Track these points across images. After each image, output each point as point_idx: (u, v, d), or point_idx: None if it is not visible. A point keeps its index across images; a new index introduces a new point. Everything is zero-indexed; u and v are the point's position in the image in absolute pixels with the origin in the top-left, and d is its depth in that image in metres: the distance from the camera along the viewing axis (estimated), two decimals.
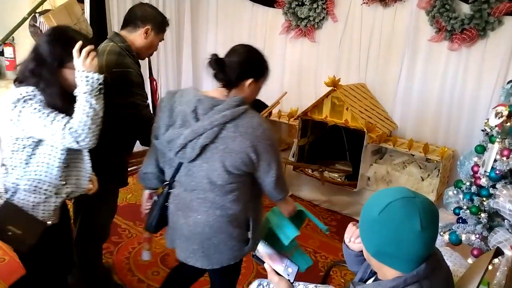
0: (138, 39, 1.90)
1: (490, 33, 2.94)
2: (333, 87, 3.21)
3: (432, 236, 1.07)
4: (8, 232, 1.46)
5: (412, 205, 1.05)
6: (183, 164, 1.56)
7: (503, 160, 2.27)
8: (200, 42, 4.78)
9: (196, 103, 1.51)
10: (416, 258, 1.07)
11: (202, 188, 1.55)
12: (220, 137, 1.47)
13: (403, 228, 1.04)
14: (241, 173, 1.54)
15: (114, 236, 2.83)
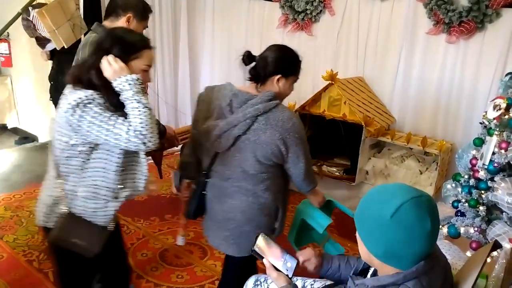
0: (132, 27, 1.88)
1: (488, 25, 2.92)
2: (331, 81, 3.19)
3: (437, 233, 1.09)
4: (73, 245, 1.46)
5: (422, 205, 1.05)
6: (218, 154, 1.67)
7: (501, 153, 2.27)
8: (197, 37, 4.75)
9: (231, 97, 1.62)
10: (421, 256, 1.07)
11: (236, 177, 1.67)
12: (252, 129, 1.57)
13: (416, 229, 1.03)
14: (271, 163, 1.64)
15: None
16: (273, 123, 1.58)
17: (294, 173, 1.71)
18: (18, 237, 2.69)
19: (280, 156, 1.63)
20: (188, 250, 2.69)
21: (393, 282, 1.08)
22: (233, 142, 1.60)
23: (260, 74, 1.68)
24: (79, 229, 1.47)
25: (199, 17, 4.67)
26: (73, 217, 1.48)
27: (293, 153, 1.64)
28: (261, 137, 1.58)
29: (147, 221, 3.01)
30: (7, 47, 4.64)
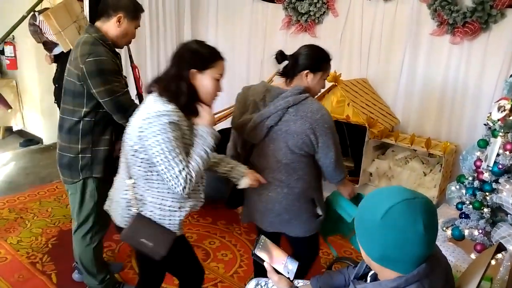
0: (111, 28, 1.91)
1: (493, 26, 2.90)
2: (334, 83, 3.18)
3: (433, 236, 1.06)
4: (140, 244, 1.50)
5: (414, 207, 1.03)
6: (254, 146, 1.82)
7: (506, 155, 2.25)
8: (200, 38, 4.75)
9: (265, 93, 1.78)
10: (419, 259, 1.05)
11: (271, 167, 1.79)
12: (283, 120, 1.70)
13: (407, 231, 1.02)
14: (303, 153, 1.75)
15: (116, 235, 2.82)
16: (302, 114, 1.69)
17: (325, 163, 1.81)
18: (21, 239, 2.70)
19: (310, 145, 1.73)
20: None
21: (395, 286, 1.06)
22: (267, 133, 1.73)
23: (290, 70, 1.82)
24: (147, 230, 1.52)
25: (202, 19, 4.68)
26: (143, 218, 1.54)
27: (323, 143, 1.73)
28: (291, 127, 1.70)
29: None
30: (13, 50, 4.67)
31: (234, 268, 2.54)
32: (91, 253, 2.10)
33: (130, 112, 1.81)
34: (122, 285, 2.26)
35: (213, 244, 2.80)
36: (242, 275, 2.47)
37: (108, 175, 2.02)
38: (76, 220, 2.08)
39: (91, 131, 1.92)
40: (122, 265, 2.47)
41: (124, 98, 1.86)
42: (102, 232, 2.13)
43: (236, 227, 3.05)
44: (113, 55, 1.91)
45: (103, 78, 1.81)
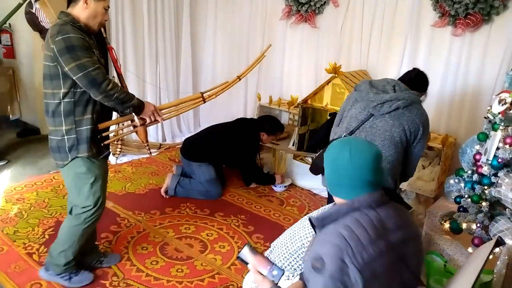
0: (80, 12, 1.94)
1: (495, 17, 2.86)
2: (334, 74, 3.15)
3: (362, 162, 1.21)
4: None
5: (345, 141, 1.29)
6: (370, 118, 2.05)
7: (506, 148, 2.23)
8: (200, 27, 4.71)
9: (396, 83, 2.13)
10: (355, 187, 1.23)
11: (378, 140, 2.01)
12: (408, 108, 2.02)
13: (337, 158, 1.25)
14: (410, 139, 2.06)
15: (113, 226, 2.82)
16: (419, 112, 2.07)
17: (414, 154, 2.14)
18: (18, 230, 2.69)
19: (416, 136, 2.07)
20: (188, 244, 2.68)
21: (335, 210, 1.22)
22: (392, 110, 2.01)
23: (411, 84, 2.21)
24: None
25: (201, 8, 4.63)
26: None
27: (423, 139, 2.11)
28: (412, 116, 2.03)
29: (147, 215, 3.01)
30: (9, 39, 4.61)
31: (232, 260, 2.53)
32: (78, 233, 2.10)
33: (104, 87, 1.87)
34: (79, 271, 2.24)
35: (210, 236, 2.79)
36: (239, 267, 2.47)
37: (97, 154, 2.06)
38: (74, 201, 2.09)
39: (72, 112, 1.95)
40: (119, 257, 2.46)
41: (96, 73, 1.86)
42: (98, 215, 2.13)
43: (233, 219, 3.04)
44: (84, 34, 1.92)
45: (73, 54, 1.83)
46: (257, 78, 4.41)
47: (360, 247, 1.11)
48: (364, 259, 1.10)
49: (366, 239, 1.12)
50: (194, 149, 3.38)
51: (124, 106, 2.02)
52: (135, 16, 4.11)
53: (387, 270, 1.14)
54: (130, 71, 4.14)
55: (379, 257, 1.12)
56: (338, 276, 1.09)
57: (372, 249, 1.12)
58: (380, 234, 1.15)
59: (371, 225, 1.16)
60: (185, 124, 4.92)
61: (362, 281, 1.08)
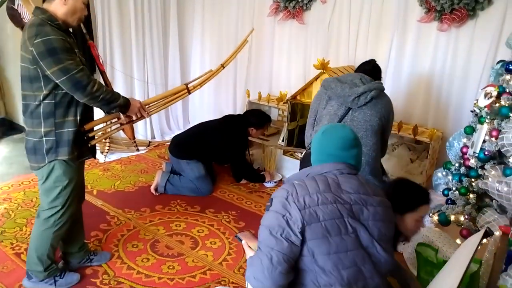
0: (58, 7, 1.85)
1: (480, 12, 2.90)
2: (323, 70, 3.16)
3: (329, 140, 1.41)
4: None
5: (326, 125, 1.49)
6: (349, 112, 2.22)
7: (492, 141, 2.28)
8: (187, 25, 4.68)
9: (361, 76, 2.29)
10: (321, 157, 1.42)
11: (361, 131, 2.19)
12: (379, 97, 2.23)
13: (315, 138, 1.46)
14: (385, 125, 2.28)
15: (103, 224, 2.80)
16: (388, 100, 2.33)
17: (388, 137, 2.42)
18: (5, 230, 2.65)
19: (390, 123, 2.35)
20: (179, 241, 2.67)
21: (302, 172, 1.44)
22: (369, 101, 2.19)
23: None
24: None
25: (189, 4, 4.60)
26: None
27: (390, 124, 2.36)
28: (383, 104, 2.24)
29: (137, 212, 2.98)
30: None
31: (223, 256, 2.53)
32: (49, 237, 2.05)
33: (89, 89, 1.81)
34: (64, 273, 2.22)
35: (201, 232, 2.79)
36: (231, 263, 2.47)
37: (77, 157, 2.00)
38: (42, 203, 2.03)
39: (53, 114, 1.88)
40: (110, 255, 2.44)
41: (80, 76, 1.79)
42: (68, 217, 2.06)
43: (224, 215, 3.04)
44: (64, 34, 1.84)
45: (55, 58, 1.75)
46: (245, 74, 4.40)
47: (304, 192, 1.29)
48: (306, 202, 1.26)
49: (313, 188, 1.30)
50: (182, 147, 3.36)
51: (110, 107, 1.97)
52: (122, 13, 4.06)
53: (332, 218, 1.25)
54: (117, 69, 4.09)
55: (322, 204, 1.26)
56: (281, 211, 1.26)
57: (316, 196, 1.27)
58: (329, 189, 1.30)
59: (323, 181, 1.32)
60: (174, 121, 4.89)
61: (301, 218, 1.23)
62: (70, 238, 2.26)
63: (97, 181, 3.47)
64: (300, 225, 1.22)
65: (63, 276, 2.19)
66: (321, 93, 2.41)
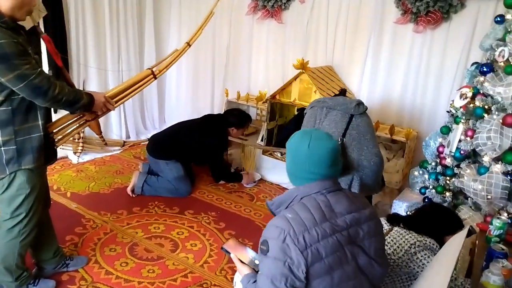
0: (2, 2, 1.65)
1: (453, 15, 2.99)
2: (302, 70, 3.17)
3: (319, 157, 1.26)
4: None
5: (307, 133, 1.31)
6: (353, 119, 2.34)
7: (467, 140, 2.34)
8: (163, 24, 4.58)
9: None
10: (309, 178, 1.27)
11: (368, 135, 2.32)
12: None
13: (297, 149, 1.29)
14: None
15: (78, 227, 2.70)
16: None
17: None
18: None
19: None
20: (159, 244, 2.61)
21: (287, 197, 1.28)
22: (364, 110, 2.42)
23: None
24: None
25: (165, 4, 4.50)
26: None
27: None
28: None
29: (114, 215, 2.90)
30: None
31: (204, 258, 2.50)
32: (16, 247, 1.93)
33: (51, 93, 1.69)
34: (38, 280, 2.13)
35: (181, 234, 2.74)
36: (212, 265, 2.44)
37: (43, 163, 1.90)
38: (3, 213, 1.91)
39: (11, 121, 1.74)
40: (86, 259, 2.36)
41: (39, 80, 1.67)
42: (33, 225, 1.95)
43: (204, 216, 3.00)
44: (13, 33, 1.67)
45: (8, 64, 1.60)
46: (224, 73, 4.36)
47: (302, 228, 1.16)
48: (306, 240, 1.15)
49: (310, 222, 1.17)
50: (160, 147, 3.29)
51: (74, 108, 1.86)
52: (96, 11, 3.92)
53: (333, 252, 1.18)
54: (90, 65, 3.96)
55: (322, 239, 1.16)
56: (281, 257, 1.14)
57: (315, 231, 1.16)
58: (325, 217, 1.20)
59: (317, 209, 1.21)
60: (149, 120, 4.78)
61: (304, 261, 1.13)
62: (41, 245, 2.16)
63: (71, 183, 3.35)
64: (304, 268, 1.13)
65: (37, 283, 2.10)
66: (315, 111, 2.51)
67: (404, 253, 1.63)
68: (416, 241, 1.64)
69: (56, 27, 3.57)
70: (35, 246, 2.12)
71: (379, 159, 2.36)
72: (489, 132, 2.18)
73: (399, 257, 1.63)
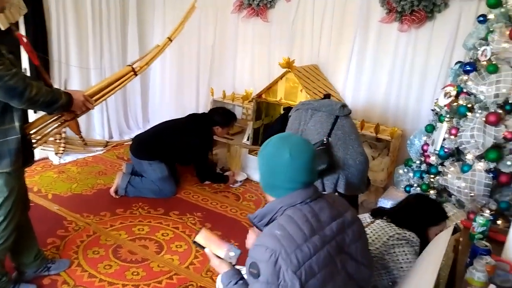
0: None
1: (437, 15, 3.02)
2: (288, 69, 3.16)
3: (302, 164, 1.19)
4: None
5: (284, 140, 1.23)
6: (338, 120, 2.39)
7: (451, 139, 2.37)
8: (147, 23, 4.50)
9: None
10: (290, 188, 1.20)
11: (353, 135, 2.40)
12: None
13: (276, 158, 1.20)
14: None
15: (60, 230, 2.63)
16: None
17: None
18: None
19: None
20: (143, 245, 2.57)
21: (269, 209, 1.21)
22: (349, 113, 2.48)
23: None
24: None
25: (149, 4, 4.43)
26: None
27: None
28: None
29: (97, 217, 2.84)
30: None
31: (190, 259, 2.46)
32: None
33: (27, 94, 1.64)
34: (18, 285, 2.07)
35: (166, 235, 2.70)
36: (198, 266, 2.41)
37: (22, 165, 1.84)
38: None
39: None
40: (69, 262, 2.30)
41: (14, 81, 1.61)
42: (12, 229, 1.89)
43: (189, 217, 2.96)
44: None
45: None
46: (209, 72, 4.32)
47: (294, 247, 1.10)
48: (299, 259, 1.10)
49: (300, 237, 1.12)
50: (144, 147, 3.23)
51: (52, 108, 1.80)
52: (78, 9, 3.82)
53: (325, 265, 1.14)
54: (71, 64, 3.87)
55: (314, 254, 1.12)
56: (274, 280, 1.09)
57: (307, 247, 1.12)
58: (314, 229, 1.15)
59: (305, 221, 1.15)
60: (133, 120, 4.71)
61: (299, 281, 1.08)
62: (21, 249, 2.09)
63: (52, 185, 3.27)
64: (298, 287, 1.08)
65: (18, 287, 2.04)
66: (300, 113, 2.54)
67: (382, 245, 1.62)
68: (395, 234, 1.63)
69: (37, 25, 3.47)
70: (14, 250, 2.05)
71: (364, 158, 2.39)
72: (473, 130, 2.21)
73: (376, 248, 1.62)
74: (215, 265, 1.34)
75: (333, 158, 2.30)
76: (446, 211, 1.80)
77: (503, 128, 2.17)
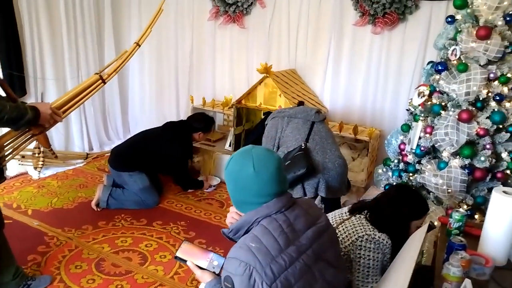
0: None
1: (409, 16, 3.09)
2: (266, 74, 3.19)
3: (268, 176, 1.18)
4: None
5: (246, 154, 1.21)
6: (314, 126, 2.47)
7: (427, 137, 2.42)
8: (123, 30, 4.48)
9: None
10: (260, 202, 1.19)
11: (330, 139, 2.49)
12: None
13: (239, 174, 1.19)
14: None
15: (41, 246, 2.58)
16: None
17: None
18: None
19: None
20: (127, 257, 2.54)
21: (245, 221, 1.19)
22: (323, 118, 2.55)
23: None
24: None
25: (124, 10, 4.41)
26: None
27: None
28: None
29: (79, 231, 2.80)
30: None
31: (174, 269, 2.45)
32: None
33: (3, 114, 1.62)
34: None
35: (149, 246, 2.68)
36: (183, 276, 2.39)
37: None
38: None
39: None
40: (50, 278, 2.26)
41: None
42: None
43: (173, 226, 2.94)
44: None
45: None
46: (188, 80, 4.32)
47: (268, 259, 1.09)
48: (274, 272, 1.08)
49: (275, 249, 1.11)
50: (122, 158, 3.19)
51: (18, 125, 1.78)
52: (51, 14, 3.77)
53: (302, 275, 1.13)
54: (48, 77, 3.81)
55: (290, 265, 1.11)
56: None
57: (282, 258, 1.11)
58: (290, 239, 1.15)
59: (280, 232, 1.14)
60: (113, 131, 4.65)
61: None
62: None
63: (32, 200, 3.21)
64: None
65: None
66: (276, 121, 2.61)
67: (350, 243, 1.62)
68: (364, 234, 1.61)
69: (9, 39, 3.41)
70: None
71: (342, 161, 2.46)
72: (446, 128, 2.26)
73: (344, 246, 1.63)
74: (198, 276, 1.34)
75: (312, 162, 2.33)
76: (427, 203, 1.77)
77: (476, 125, 2.23)
